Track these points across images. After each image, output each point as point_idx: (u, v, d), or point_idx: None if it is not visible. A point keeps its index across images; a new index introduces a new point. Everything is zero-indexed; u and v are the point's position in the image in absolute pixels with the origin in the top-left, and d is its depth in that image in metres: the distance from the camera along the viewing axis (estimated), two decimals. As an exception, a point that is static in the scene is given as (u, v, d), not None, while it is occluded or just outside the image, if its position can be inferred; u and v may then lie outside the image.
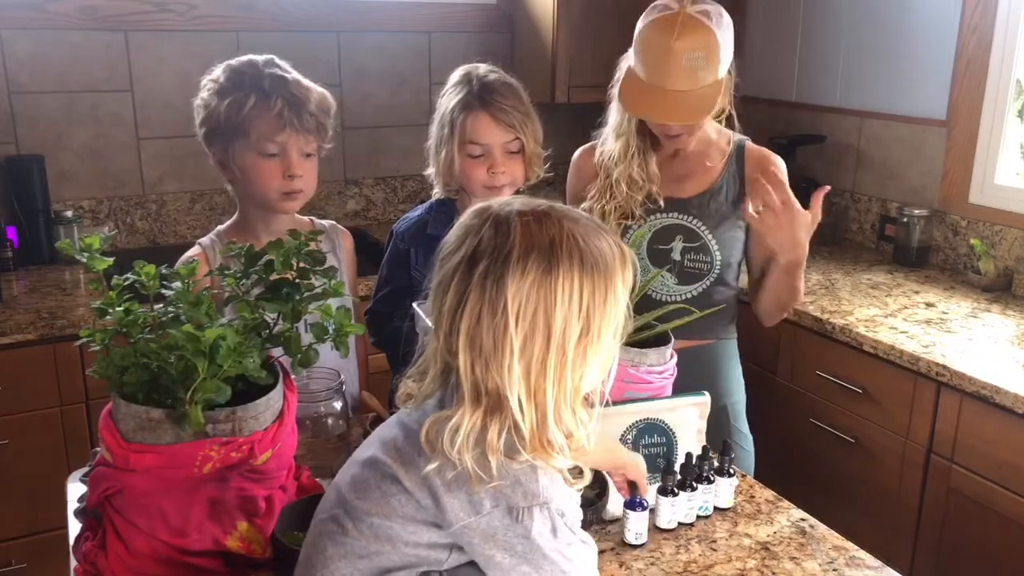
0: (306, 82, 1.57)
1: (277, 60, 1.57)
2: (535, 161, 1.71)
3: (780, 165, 1.73)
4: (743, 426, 1.83)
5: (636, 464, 1.26)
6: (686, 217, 1.72)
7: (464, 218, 0.95)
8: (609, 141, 1.77)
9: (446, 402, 0.94)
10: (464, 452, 0.87)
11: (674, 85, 1.57)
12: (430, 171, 1.76)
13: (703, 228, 1.71)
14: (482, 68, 1.70)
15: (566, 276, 0.87)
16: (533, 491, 0.89)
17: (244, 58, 1.57)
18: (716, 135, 1.76)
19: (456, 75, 1.71)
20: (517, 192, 1.80)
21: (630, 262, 0.94)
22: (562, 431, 0.90)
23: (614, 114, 1.76)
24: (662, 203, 1.72)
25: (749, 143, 1.77)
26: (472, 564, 0.94)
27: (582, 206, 1.79)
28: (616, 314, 0.92)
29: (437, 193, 1.78)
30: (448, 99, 1.69)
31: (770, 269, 1.70)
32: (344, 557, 0.93)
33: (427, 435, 0.91)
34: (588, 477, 0.97)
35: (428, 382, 0.96)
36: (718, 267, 1.72)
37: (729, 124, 1.75)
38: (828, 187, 1.60)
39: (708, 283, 1.73)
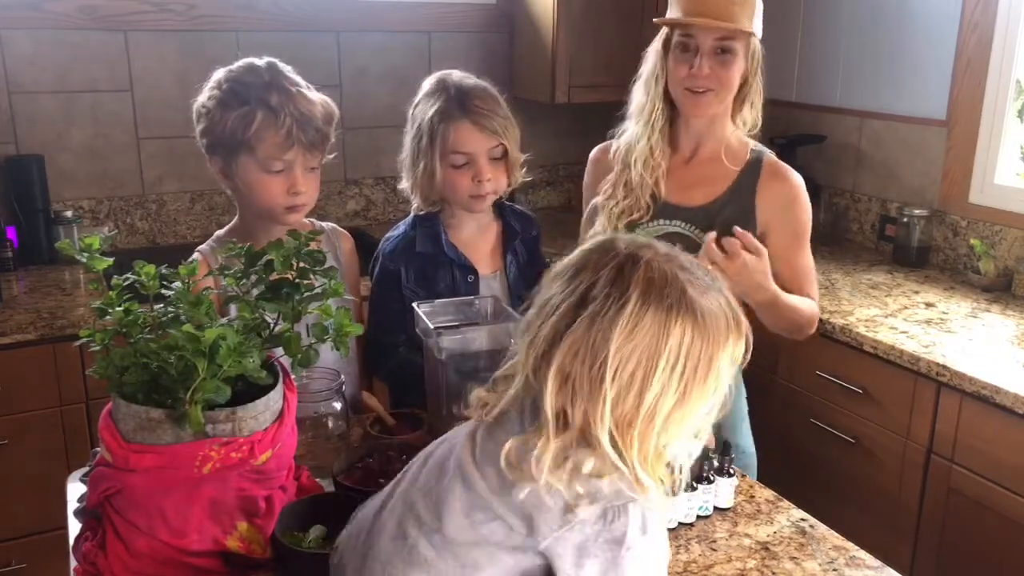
0: (310, 93, 1.55)
1: (279, 66, 1.55)
2: (516, 167, 1.67)
3: (797, 185, 1.68)
4: (741, 439, 1.79)
5: None
6: (687, 226, 1.69)
7: (589, 246, 0.92)
8: (629, 125, 1.75)
9: (525, 422, 0.92)
10: (550, 476, 0.86)
11: (708, 11, 1.57)
12: (404, 185, 1.70)
13: (702, 238, 1.66)
14: (456, 74, 1.66)
15: (673, 347, 0.85)
16: (625, 488, 0.89)
17: (245, 64, 1.54)
18: (736, 143, 1.71)
19: (429, 83, 1.66)
20: (502, 198, 1.76)
21: (743, 337, 0.91)
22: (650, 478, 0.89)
23: (637, 95, 1.74)
24: (662, 196, 1.70)
25: (769, 157, 1.71)
26: None
27: (594, 201, 1.77)
28: (715, 392, 0.89)
29: (416, 207, 1.72)
30: (423, 109, 1.64)
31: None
32: None
33: (507, 458, 0.89)
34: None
35: (511, 395, 0.93)
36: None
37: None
38: (746, 233, 1.56)
39: None
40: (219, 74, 1.55)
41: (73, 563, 1.16)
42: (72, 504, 1.31)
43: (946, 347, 2.12)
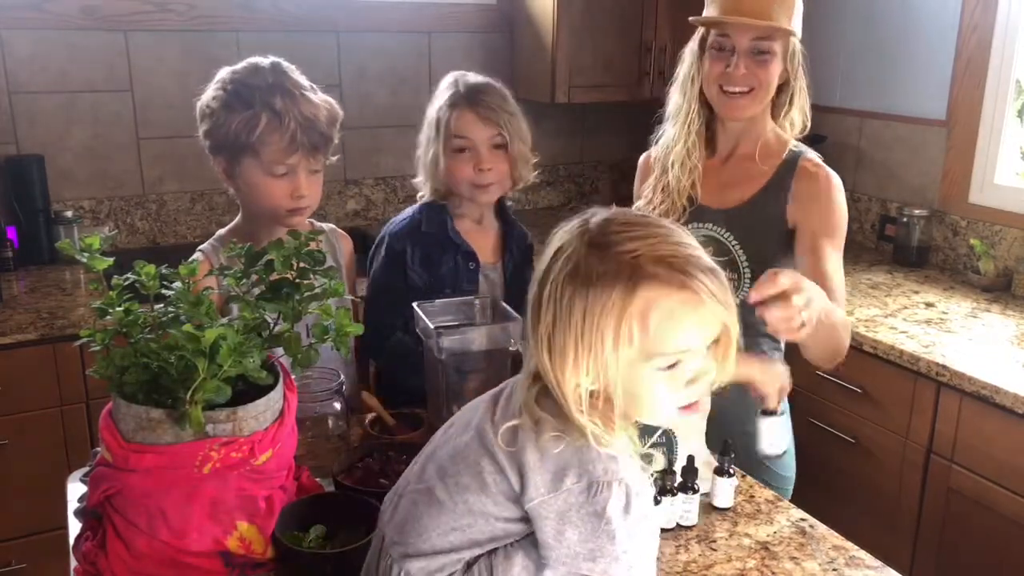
0: (314, 96, 1.55)
1: (283, 66, 1.55)
2: (522, 162, 1.70)
3: (829, 180, 1.64)
4: (776, 464, 1.73)
5: (765, 372, 1.32)
6: (718, 229, 1.67)
7: (570, 222, 0.99)
8: (667, 127, 1.73)
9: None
10: (530, 411, 0.94)
11: (745, 10, 1.54)
12: (419, 179, 1.77)
13: (733, 242, 1.65)
14: (470, 75, 1.72)
15: (577, 318, 0.90)
16: (613, 468, 0.93)
17: (249, 64, 1.54)
18: (774, 142, 1.68)
19: (444, 82, 1.74)
20: (504, 200, 1.79)
21: (640, 287, 0.90)
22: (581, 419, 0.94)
23: (674, 97, 1.72)
24: (699, 198, 1.67)
25: (807, 156, 1.66)
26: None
27: (636, 205, 1.77)
28: (631, 347, 0.92)
29: (424, 196, 1.78)
30: (435, 103, 1.71)
31: None
32: (438, 527, 0.98)
33: (521, 411, 0.96)
34: (659, 464, 1.02)
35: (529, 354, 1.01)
36: (747, 284, 1.64)
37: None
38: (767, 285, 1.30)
39: (737, 301, 1.65)
40: (223, 74, 1.54)
41: (73, 563, 1.16)
42: (72, 504, 1.31)
43: (946, 347, 2.12)
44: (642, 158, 1.85)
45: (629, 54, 3.09)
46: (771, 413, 1.32)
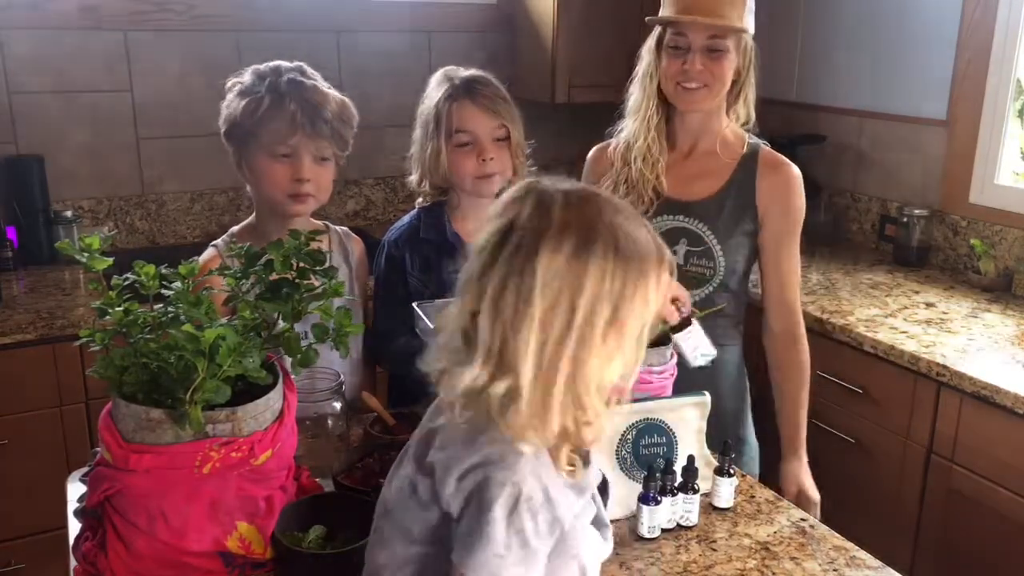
0: (326, 89, 1.58)
1: (305, 68, 1.59)
2: (520, 152, 1.72)
3: (793, 174, 1.72)
4: (745, 432, 1.83)
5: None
6: (691, 220, 1.72)
7: (511, 191, 0.94)
8: (627, 123, 1.78)
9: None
10: (467, 400, 0.89)
11: (700, 9, 1.60)
12: (413, 178, 1.75)
13: (708, 232, 1.71)
14: (460, 69, 1.72)
15: (597, 261, 0.85)
16: (512, 470, 0.87)
17: (273, 63, 1.58)
18: (732, 136, 1.75)
19: (435, 78, 1.73)
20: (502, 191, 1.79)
21: (667, 263, 0.91)
22: (564, 420, 0.88)
23: (634, 94, 1.77)
24: (664, 190, 1.72)
25: (764, 148, 1.75)
26: None
27: None
28: (643, 312, 0.89)
29: (421, 202, 1.78)
30: (430, 99, 1.71)
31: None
32: (392, 564, 0.96)
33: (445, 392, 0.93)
34: (585, 471, 0.95)
35: (459, 355, 0.93)
36: (722, 272, 1.71)
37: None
38: None
39: (711, 288, 1.72)
40: (247, 71, 1.59)
41: (73, 563, 1.16)
42: (72, 504, 1.31)
43: (946, 347, 2.12)
44: (594, 151, 1.88)
45: (628, 54, 3.06)
46: (685, 324, 1.32)
